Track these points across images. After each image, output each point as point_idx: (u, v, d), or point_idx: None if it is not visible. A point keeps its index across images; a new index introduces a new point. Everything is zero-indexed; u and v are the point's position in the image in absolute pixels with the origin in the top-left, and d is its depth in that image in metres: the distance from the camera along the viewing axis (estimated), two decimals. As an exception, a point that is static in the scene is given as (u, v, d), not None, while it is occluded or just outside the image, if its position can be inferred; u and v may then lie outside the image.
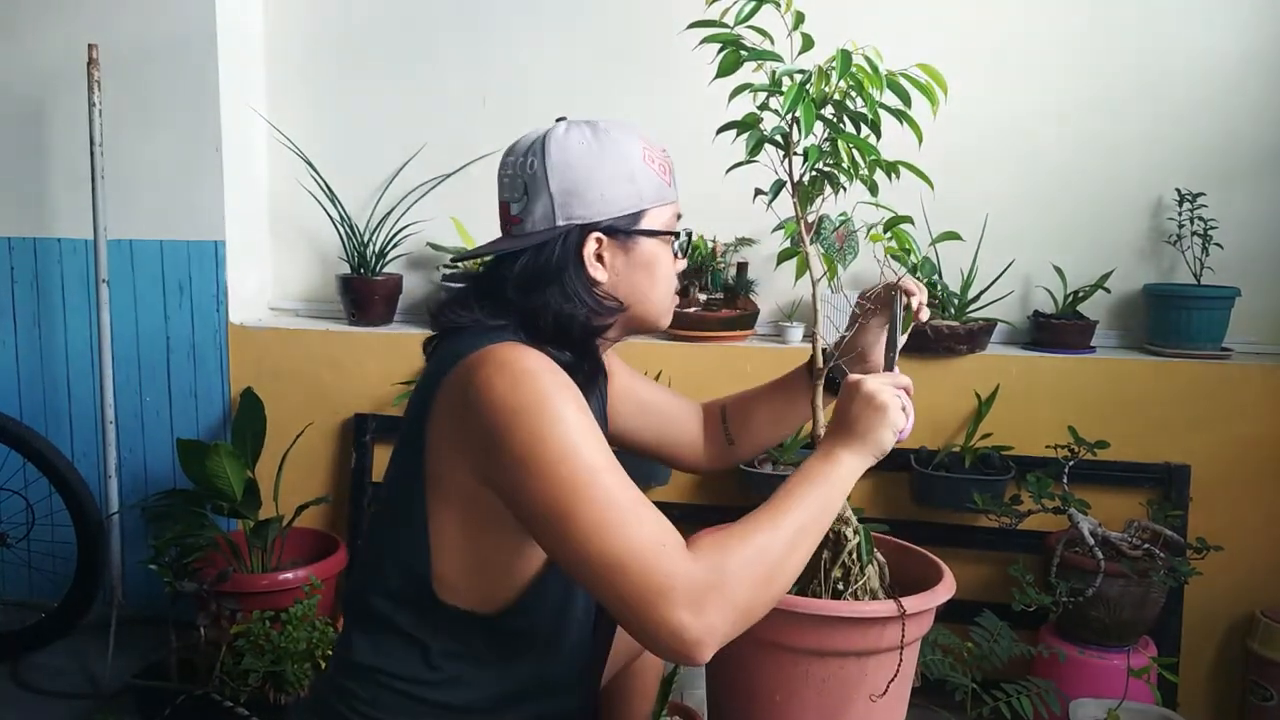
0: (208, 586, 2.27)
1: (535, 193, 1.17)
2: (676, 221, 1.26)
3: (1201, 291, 2.41)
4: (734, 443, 1.53)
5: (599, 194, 1.17)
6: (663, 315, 1.27)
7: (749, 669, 1.29)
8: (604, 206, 1.17)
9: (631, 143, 1.20)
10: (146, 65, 2.72)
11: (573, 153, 1.17)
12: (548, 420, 1.02)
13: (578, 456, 1.01)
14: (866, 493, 2.50)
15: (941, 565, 1.35)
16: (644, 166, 1.19)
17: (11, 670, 2.58)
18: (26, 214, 2.85)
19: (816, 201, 1.39)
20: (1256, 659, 2.31)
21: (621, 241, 1.19)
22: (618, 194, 1.17)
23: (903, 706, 1.32)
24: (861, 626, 1.22)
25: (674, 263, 1.25)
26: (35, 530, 2.77)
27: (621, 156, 1.18)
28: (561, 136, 1.18)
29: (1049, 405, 2.40)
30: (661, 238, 1.22)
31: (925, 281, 2.46)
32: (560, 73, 2.73)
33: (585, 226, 1.17)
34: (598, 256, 1.19)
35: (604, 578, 0.98)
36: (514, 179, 1.20)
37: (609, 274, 1.20)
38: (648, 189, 1.20)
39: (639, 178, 1.19)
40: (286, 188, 2.87)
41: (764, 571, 1.01)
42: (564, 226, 1.17)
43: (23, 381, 2.91)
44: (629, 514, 0.99)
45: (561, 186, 1.16)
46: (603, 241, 1.18)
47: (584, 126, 1.19)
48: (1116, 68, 2.50)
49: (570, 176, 1.16)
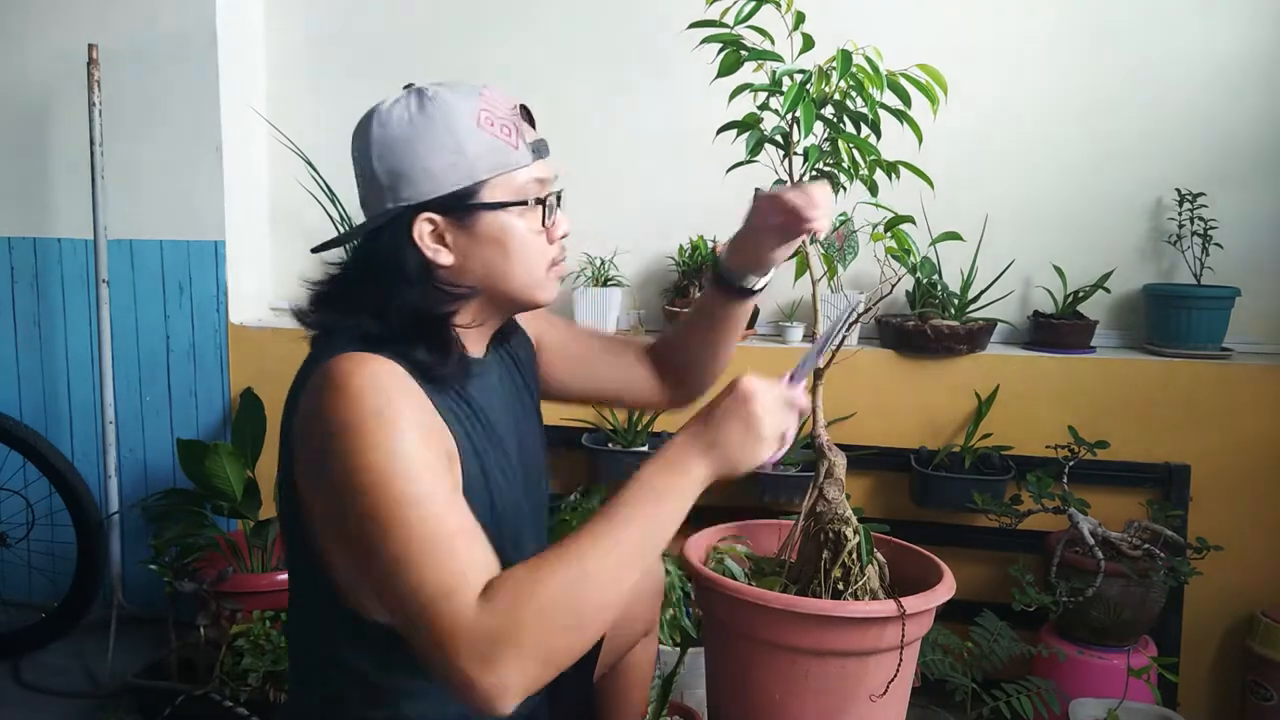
0: (208, 586, 2.27)
1: (367, 175, 1.10)
2: (540, 186, 1.13)
3: (1201, 291, 2.41)
4: (684, 378, 1.45)
5: (423, 170, 1.07)
6: (535, 289, 1.15)
7: (749, 668, 1.29)
8: (430, 183, 1.07)
9: (463, 107, 1.08)
10: (147, 65, 2.72)
11: (393, 129, 1.08)
12: (365, 444, 0.96)
13: (387, 487, 0.94)
14: (866, 493, 2.50)
15: (941, 565, 1.36)
16: (477, 132, 1.08)
17: (12, 670, 2.58)
18: (27, 214, 2.85)
19: None
20: (1256, 659, 2.31)
21: (459, 218, 1.09)
22: (443, 166, 1.07)
23: (903, 706, 1.32)
24: (862, 626, 1.22)
25: (543, 231, 1.14)
26: (35, 530, 2.77)
27: (447, 126, 1.07)
28: (384, 112, 1.10)
29: (1049, 405, 2.40)
30: (510, 209, 1.10)
31: (925, 281, 2.47)
32: (561, 72, 2.73)
33: (413, 207, 1.08)
34: (437, 238, 1.09)
35: (400, 619, 0.94)
36: (355, 160, 1.13)
37: (455, 255, 1.10)
38: (483, 156, 1.08)
39: (470, 146, 1.07)
40: (286, 188, 2.87)
41: (570, 617, 0.92)
42: (393, 210, 1.08)
43: (23, 381, 2.91)
44: (426, 554, 0.92)
45: (385, 167, 1.08)
46: (437, 222, 1.09)
47: (411, 98, 1.10)
48: (1117, 68, 2.50)
49: (392, 156, 1.08)
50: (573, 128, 2.74)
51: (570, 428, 2.55)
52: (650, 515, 1.00)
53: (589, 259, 2.68)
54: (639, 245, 2.73)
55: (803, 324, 2.56)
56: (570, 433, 2.55)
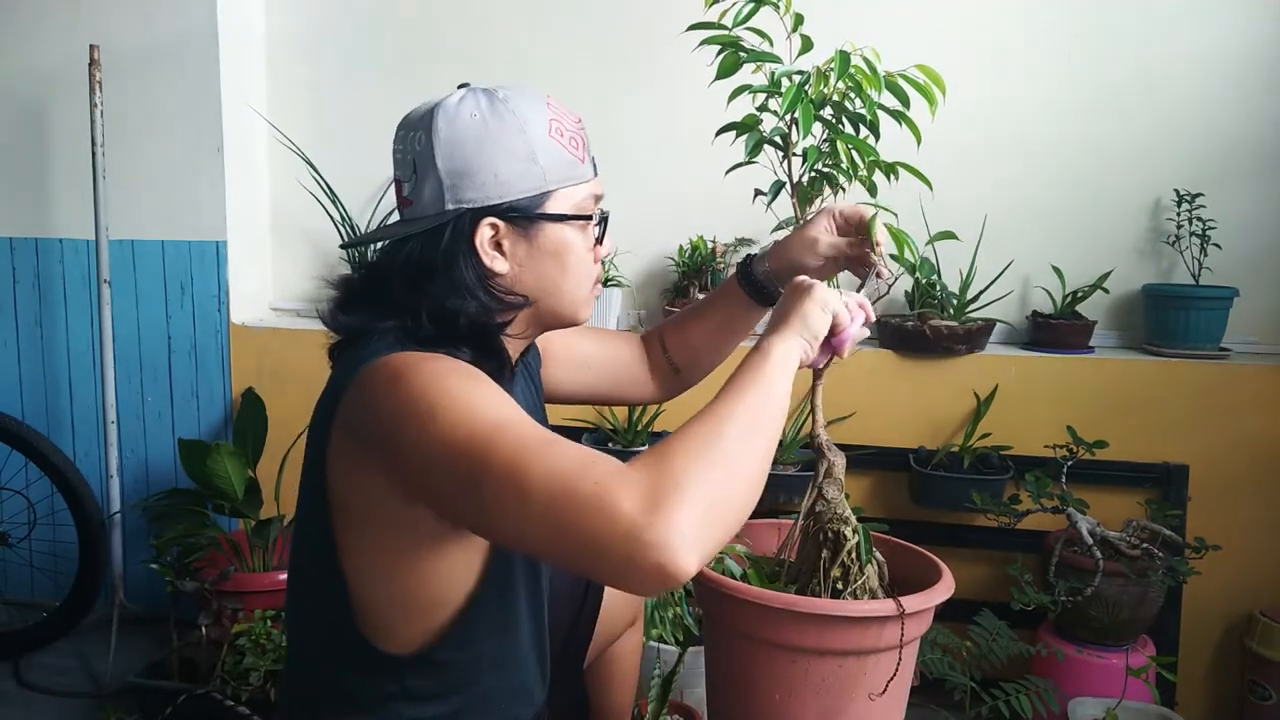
0: (209, 586, 2.27)
1: (424, 172, 1.05)
2: (594, 204, 1.13)
3: (1200, 292, 2.42)
4: (680, 370, 1.46)
5: (492, 174, 1.04)
6: (580, 307, 1.14)
7: (749, 668, 1.29)
8: (499, 189, 1.04)
9: (535, 114, 1.06)
10: (148, 66, 2.73)
11: (463, 127, 1.04)
12: (434, 395, 0.91)
13: (473, 418, 0.89)
14: (866, 492, 2.51)
15: (940, 564, 1.36)
16: (549, 141, 1.06)
17: (14, 669, 2.59)
18: (28, 214, 2.86)
19: (815, 202, 1.40)
20: (1255, 658, 2.32)
21: (522, 228, 1.06)
22: (515, 174, 1.04)
23: (902, 705, 1.33)
24: (861, 626, 1.22)
25: (593, 249, 1.13)
26: (37, 530, 2.78)
27: (520, 130, 1.05)
28: (452, 109, 1.05)
29: (1048, 405, 2.40)
30: (572, 222, 1.09)
31: (925, 282, 2.48)
32: (561, 72, 2.74)
33: (477, 211, 1.04)
34: (495, 245, 1.06)
35: (538, 522, 0.83)
36: (404, 154, 1.08)
37: (510, 264, 1.07)
38: (553, 167, 1.06)
39: (542, 155, 1.05)
40: (287, 188, 2.88)
41: (717, 455, 0.86)
42: (453, 211, 1.04)
43: (24, 381, 2.91)
44: (542, 449, 0.85)
45: (450, 166, 1.04)
46: (499, 228, 1.06)
47: (480, 96, 1.07)
48: (1116, 68, 2.50)
49: (460, 154, 1.04)
50: (573, 128, 2.75)
51: (570, 428, 2.56)
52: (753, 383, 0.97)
53: (589, 259, 2.69)
54: (639, 245, 2.73)
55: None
56: (570, 433, 2.55)
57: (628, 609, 1.57)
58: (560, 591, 1.47)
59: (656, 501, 0.80)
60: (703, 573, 1.35)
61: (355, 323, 1.07)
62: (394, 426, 0.93)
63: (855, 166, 1.33)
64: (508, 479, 0.84)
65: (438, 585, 1.05)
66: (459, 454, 0.87)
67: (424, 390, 0.93)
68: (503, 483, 0.84)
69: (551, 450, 0.85)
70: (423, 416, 0.90)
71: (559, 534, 0.82)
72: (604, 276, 1.19)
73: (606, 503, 0.80)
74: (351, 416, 1.00)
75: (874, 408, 2.46)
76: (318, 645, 1.11)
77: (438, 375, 0.94)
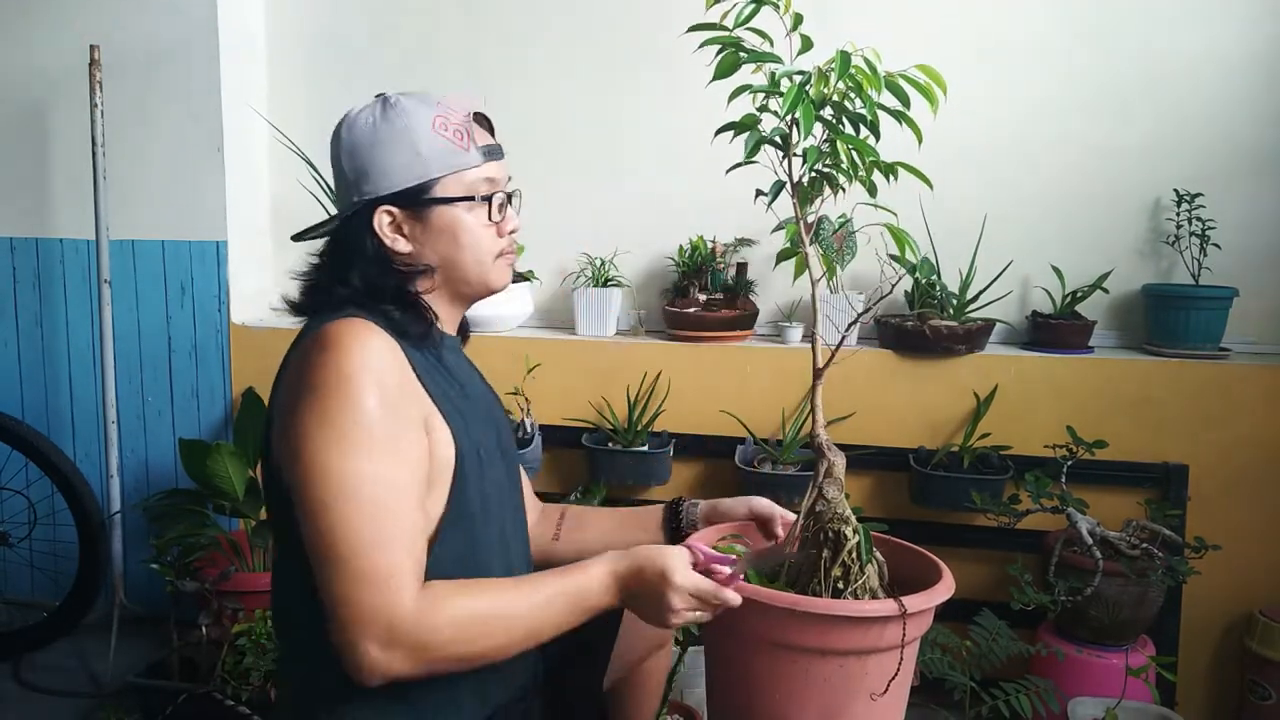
0: (209, 585, 2.27)
1: (337, 176, 1.26)
2: (489, 185, 1.27)
3: (1200, 292, 2.42)
4: (558, 540, 1.54)
5: (381, 170, 1.21)
6: (487, 275, 1.29)
7: (749, 668, 1.29)
8: (387, 180, 1.21)
9: (420, 114, 1.23)
10: (148, 66, 2.73)
11: (358, 133, 1.23)
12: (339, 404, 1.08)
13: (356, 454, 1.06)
14: (866, 492, 2.51)
15: (940, 564, 1.36)
16: (433, 136, 1.22)
17: (14, 669, 2.59)
18: (29, 214, 2.86)
19: (815, 202, 1.40)
20: (1254, 658, 2.32)
21: (414, 211, 1.23)
22: (397, 166, 1.21)
23: (902, 705, 1.33)
24: (862, 625, 1.22)
25: (492, 225, 1.27)
26: (37, 530, 2.78)
27: (405, 130, 1.22)
28: (352, 119, 1.24)
29: (1047, 405, 2.41)
30: (459, 204, 1.24)
31: (925, 282, 2.48)
32: (561, 73, 2.74)
33: (372, 201, 1.22)
34: (395, 228, 1.23)
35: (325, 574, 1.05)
36: (331, 162, 1.27)
37: (411, 243, 1.24)
38: (436, 158, 1.22)
39: (424, 148, 1.22)
40: (287, 188, 2.88)
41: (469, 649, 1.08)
42: (356, 203, 1.23)
43: (25, 381, 2.92)
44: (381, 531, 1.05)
45: (352, 165, 1.23)
46: (395, 214, 1.23)
47: (376, 105, 1.25)
48: (1116, 68, 2.51)
49: (357, 156, 1.22)
50: (573, 128, 2.75)
51: (571, 427, 2.56)
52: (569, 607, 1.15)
53: (589, 259, 2.69)
54: (639, 245, 2.73)
55: (801, 324, 2.57)
56: (570, 432, 2.55)
57: (656, 631, 1.51)
58: None
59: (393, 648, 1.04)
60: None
61: (307, 305, 1.26)
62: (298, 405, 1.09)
63: (855, 167, 1.33)
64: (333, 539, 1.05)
65: None
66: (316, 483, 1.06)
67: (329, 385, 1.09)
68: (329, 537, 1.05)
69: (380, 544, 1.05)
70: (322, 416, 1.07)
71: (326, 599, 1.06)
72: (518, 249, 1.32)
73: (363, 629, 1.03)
74: (288, 382, 1.15)
75: (874, 408, 2.47)
76: (303, 620, 1.17)
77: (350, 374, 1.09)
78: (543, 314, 2.83)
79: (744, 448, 2.46)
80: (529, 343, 2.62)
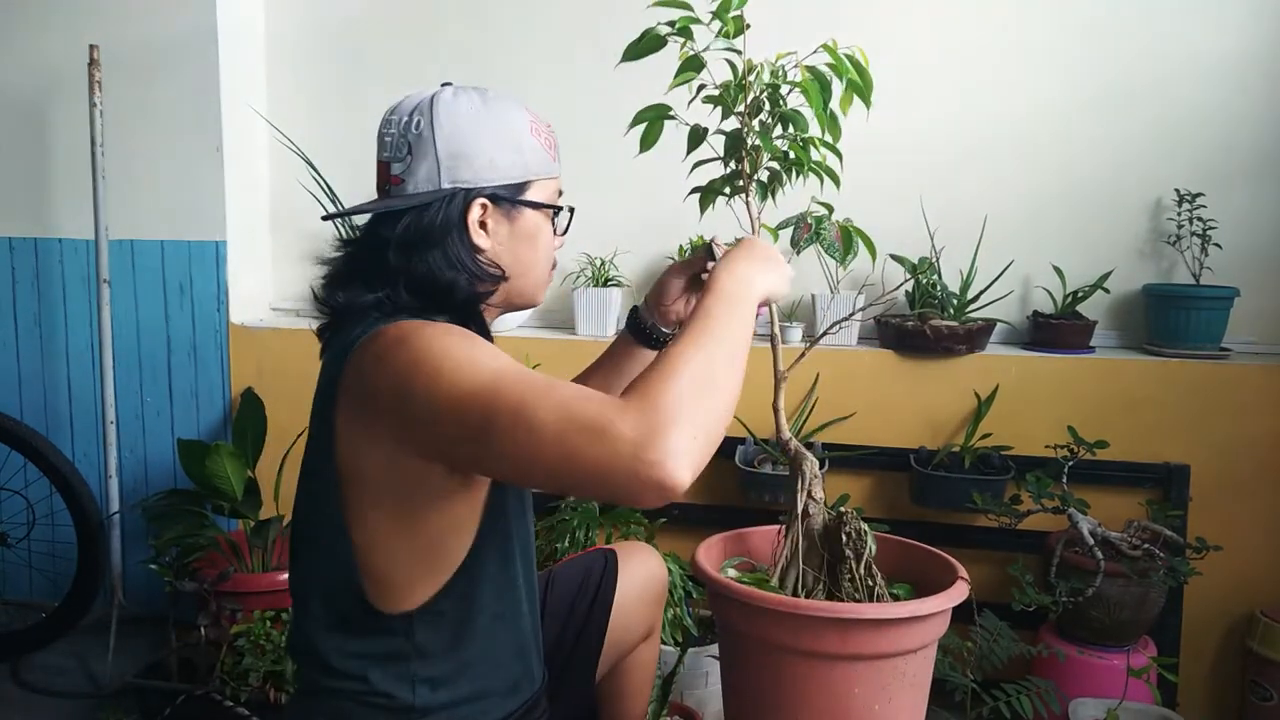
0: (208, 586, 2.27)
1: (420, 153, 1.16)
2: (559, 198, 1.26)
3: (1200, 292, 2.42)
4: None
5: (487, 160, 1.16)
6: (539, 289, 1.26)
7: (764, 674, 1.28)
8: (491, 173, 1.16)
9: (519, 113, 1.20)
10: (147, 66, 2.73)
11: (462, 116, 1.16)
12: (438, 354, 1.01)
13: (476, 370, 0.98)
14: (866, 492, 2.50)
15: (955, 563, 1.35)
16: (531, 138, 1.19)
17: (12, 670, 2.58)
18: (28, 214, 2.85)
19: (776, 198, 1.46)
20: (1256, 658, 2.31)
21: (506, 210, 1.19)
22: (505, 161, 1.17)
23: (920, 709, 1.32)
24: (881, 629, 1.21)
25: (554, 239, 1.25)
26: (36, 530, 2.78)
27: (509, 125, 1.18)
28: (450, 100, 1.17)
29: (1048, 405, 2.40)
30: (544, 210, 1.22)
31: (925, 282, 2.47)
32: (561, 72, 2.74)
33: (471, 191, 1.16)
34: (481, 223, 1.17)
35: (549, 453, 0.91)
36: (398, 139, 1.18)
37: (492, 242, 1.19)
38: (534, 160, 1.20)
39: (525, 148, 1.19)
40: (287, 188, 2.88)
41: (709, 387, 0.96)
42: (449, 189, 1.15)
43: (23, 381, 2.91)
44: (544, 388, 0.95)
45: (448, 149, 1.15)
46: (487, 208, 1.17)
47: (472, 92, 1.19)
48: (1116, 68, 2.50)
49: (458, 139, 1.15)
50: (573, 127, 2.74)
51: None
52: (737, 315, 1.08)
53: (589, 259, 2.69)
54: (639, 245, 2.73)
55: (802, 324, 2.56)
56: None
57: (644, 621, 1.54)
58: (563, 605, 1.47)
59: (658, 429, 0.90)
60: (718, 580, 1.33)
61: (347, 298, 1.16)
62: (403, 388, 1.02)
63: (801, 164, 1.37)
64: (518, 417, 0.93)
65: (443, 540, 1.13)
66: (468, 401, 0.96)
67: (426, 351, 1.02)
68: (515, 420, 0.93)
69: (553, 389, 0.95)
70: (429, 375, 1.00)
71: (568, 461, 0.91)
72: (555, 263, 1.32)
73: (611, 430, 0.90)
74: (356, 388, 1.08)
75: (874, 408, 2.46)
76: (331, 620, 1.16)
77: (436, 337, 1.04)
78: (543, 314, 2.83)
79: (744, 448, 2.46)
80: (529, 342, 2.61)
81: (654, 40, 1.35)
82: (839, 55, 1.31)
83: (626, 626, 1.50)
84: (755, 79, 1.33)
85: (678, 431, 0.90)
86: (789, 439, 1.38)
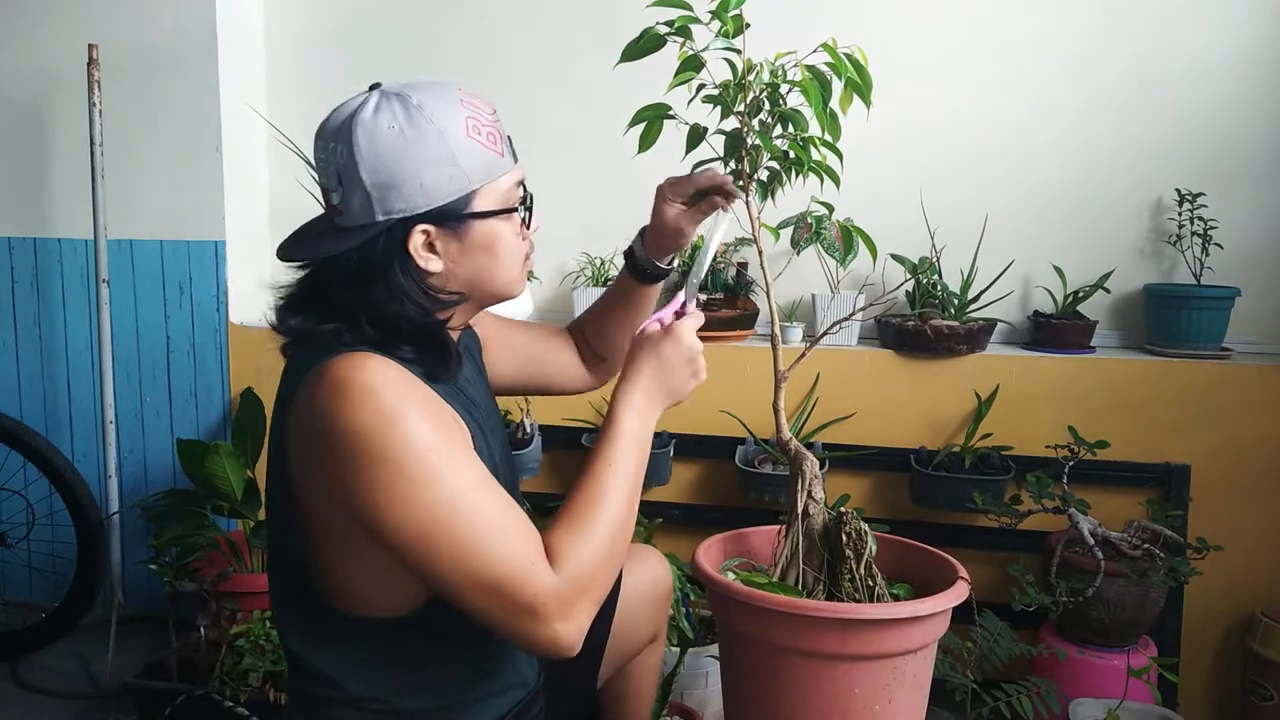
0: (208, 586, 2.27)
1: (349, 184, 1.06)
2: (518, 189, 1.15)
3: (1201, 291, 2.41)
4: (605, 359, 1.55)
5: (417, 184, 1.05)
6: (513, 285, 1.19)
7: (766, 674, 1.28)
8: (423, 198, 1.06)
9: (451, 116, 1.07)
10: (147, 65, 2.73)
11: (382, 141, 1.05)
12: (397, 444, 0.97)
13: (437, 482, 0.98)
14: (866, 492, 2.50)
15: (955, 562, 1.35)
16: (468, 142, 1.07)
17: (12, 670, 2.58)
18: (27, 214, 2.85)
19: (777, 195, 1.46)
20: (1256, 659, 2.31)
21: (452, 228, 1.09)
22: (437, 181, 1.06)
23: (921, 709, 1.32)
24: (883, 628, 1.21)
25: (519, 234, 1.16)
26: (35, 530, 2.77)
27: (439, 137, 1.06)
28: (369, 121, 1.06)
29: (1049, 405, 2.40)
30: (499, 215, 1.12)
31: (926, 282, 2.47)
32: (561, 72, 2.73)
33: (409, 219, 1.06)
34: (428, 247, 1.09)
35: (473, 600, 1.00)
36: (327, 164, 1.09)
37: (444, 262, 1.10)
38: (474, 167, 1.08)
39: (462, 157, 1.07)
40: (286, 187, 2.87)
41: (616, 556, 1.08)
42: (384, 222, 1.06)
43: (23, 381, 2.91)
44: (494, 534, 1.00)
45: (375, 179, 1.05)
46: (430, 232, 1.08)
47: (394, 104, 1.06)
48: (1116, 68, 2.50)
49: (383, 168, 1.05)
50: (572, 127, 2.75)
51: (571, 428, 2.55)
52: (640, 456, 1.15)
53: (589, 259, 2.68)
54: (639, 245, 2.72)
55: (802, 324, 2.56)
56: (570, 432, 2.54)
57: (649, 624, 1.52)
58: None
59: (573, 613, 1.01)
60: (719, 581, 1.33)
61: (301, 326, 1.13)
62: (346, 478, 0.99)
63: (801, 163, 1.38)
64: (457, 560, 0.99)
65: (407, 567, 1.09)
66: (409, 534, 0.99)
67: (381, 447, 0.98)
68: (451, 569, 0.99)
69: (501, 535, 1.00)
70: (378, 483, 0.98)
71: (486, 616, 1.01)
72: (532, 249, 1.24)
73: (538, 618, 1.00)
74: (303, 426, 1.05)
75: (875, 408, 2.46)
76: (305, 627, 1.14)
77: (394, 426, 0.98)
78: (542, 314, 2.82)
79: (744, 448, 2.46)
80: (528, 343, 2.61)
81: (653, 40, 1.34)
82: (838, 54, 1.31)
83: (631, 630, 1.48)
84: (755, 78, 1.33)
85: (590, 608, 1.03)
86: (789, 439, 1.38)
